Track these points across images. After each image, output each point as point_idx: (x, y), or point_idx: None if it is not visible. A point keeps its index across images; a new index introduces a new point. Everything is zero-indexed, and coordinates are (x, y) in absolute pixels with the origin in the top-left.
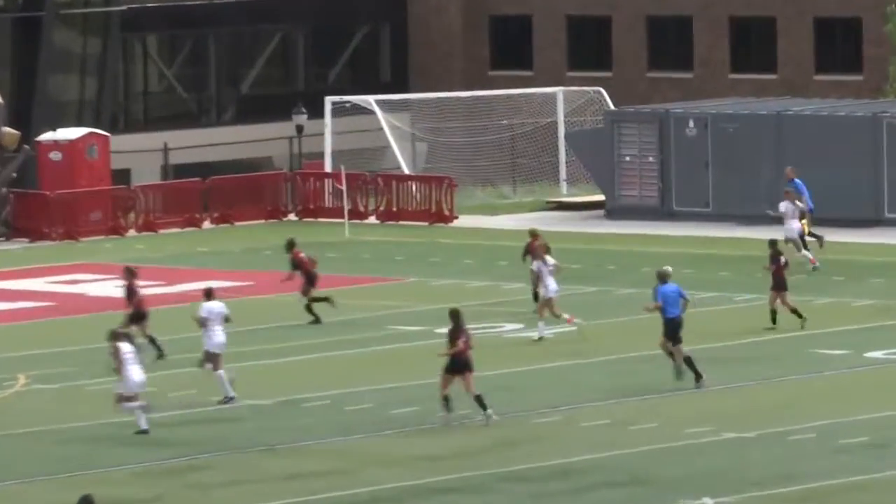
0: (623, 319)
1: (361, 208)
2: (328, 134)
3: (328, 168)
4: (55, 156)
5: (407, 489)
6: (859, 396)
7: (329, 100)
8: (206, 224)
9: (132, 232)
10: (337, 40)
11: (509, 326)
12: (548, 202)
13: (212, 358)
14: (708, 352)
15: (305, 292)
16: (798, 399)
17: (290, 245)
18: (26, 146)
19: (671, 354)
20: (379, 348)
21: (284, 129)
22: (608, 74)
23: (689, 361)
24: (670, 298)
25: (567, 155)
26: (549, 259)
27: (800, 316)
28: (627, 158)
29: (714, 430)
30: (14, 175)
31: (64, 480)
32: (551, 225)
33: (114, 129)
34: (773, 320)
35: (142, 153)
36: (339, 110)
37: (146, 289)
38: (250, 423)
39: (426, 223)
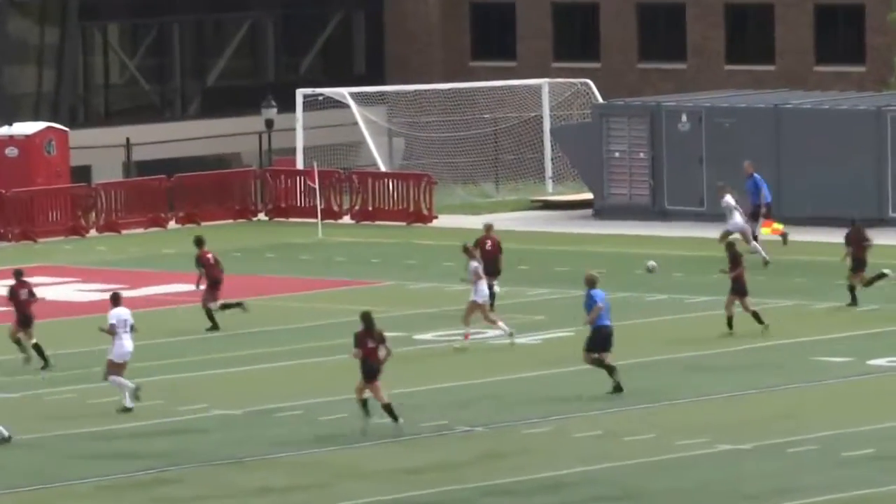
0: (616, 324)
1: (335, 207)
2: (300, 129)
3: (300, 165)
4: (11, 152)
5: None
6: (863, 406)
7: (300, 92)
8: (172, 224)
9: (93, 232)
10: (308, 29)
11: (493, 333)
12: (533, 201)
13: (116, 367)
14: (702, 359)
15: (209, 298)
16: (798, 409)
17: (199, 242)
18: None
19: (601, 365)
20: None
21: (253, 123)
22: (596, 65)
23: (611, 370)
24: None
25: (553, 151)
26: (474, 263)
27: (760, 321)
28: (617, 155)
29: (709, 441)
30: None
31: (25, 494)
32: (536, 225)
33: (73, 123)
34: (730, 325)
35: (102, 149)
36: (311, 104)
37: (108, 293)
38: (220, 434)
39: (404, 223)
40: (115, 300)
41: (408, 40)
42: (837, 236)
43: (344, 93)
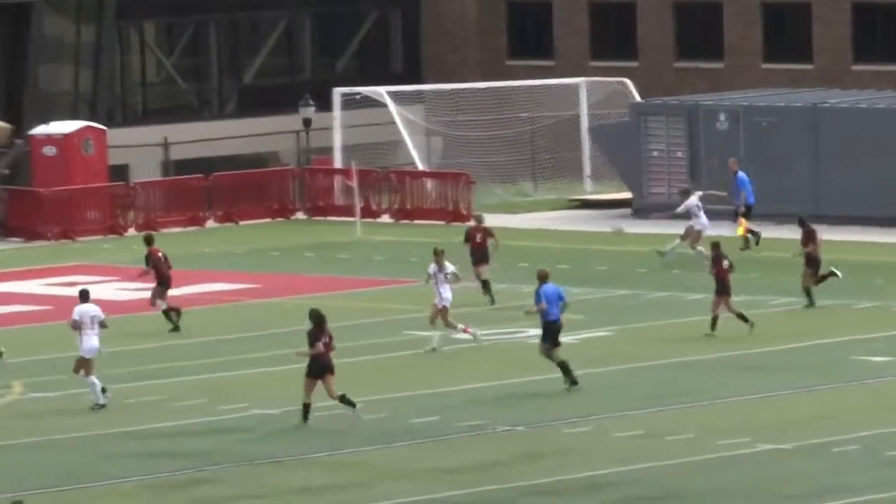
0: (657, 324)
1: (374, 206)
2: (337, 127)
3: (338, 164)
4: (49, 151)
5: None
6: None
7: (338, 91)
8: (210, 223)
9: (131, 231)
10: (345, 27)
11: (533, 332)
12: (571, 200)
13: (83, 363)
14: (741, 359)
15: (157, 296)
16: (839, 409)
17: (149, 240)
18: (18, 140)
19: (551, 358)
20: (393, 355)
21: (290, 122)
22: (633, 64)
23: (564, 366)
24: (552, 300)
25: (591, 150)
26: (449, 265)
27: (745, 320)
28: (655, 153)
29: (750, 441)
30: (6, 171)
31: (67, 493)
32: (575, 224)
33: (110, 122)
34: (713, 327)
35: (140, 148)
36: (348, 102)
37: (148, 292)
38: (259, 433)
39: (442, 222)
40: (84, 296)
41: (445, 39)
42: (878, 236)
43: (382, 92)
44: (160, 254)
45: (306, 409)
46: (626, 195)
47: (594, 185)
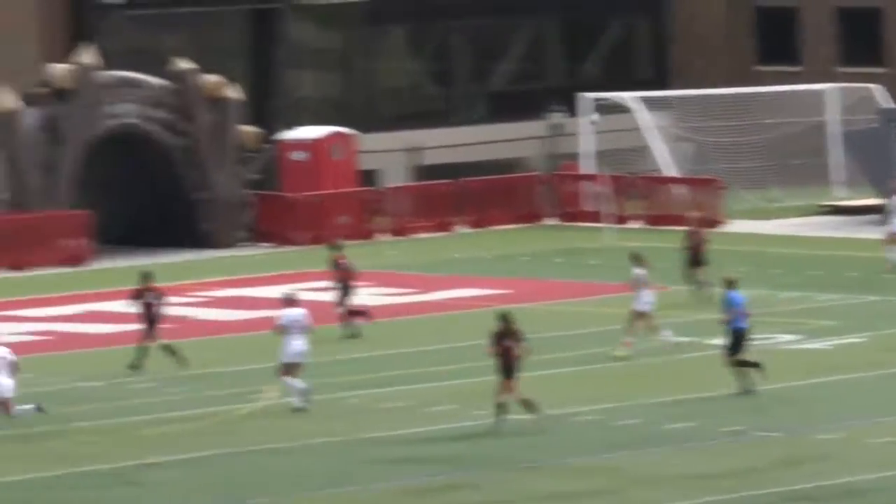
0: None
1: (623, 212)
2: (585, 133)
3: (586, 169)
4: (298, 156)
5: None
6: None
7: (584, 97)
8: (458, 228)
9: (381, 236)
10: (591, 33)
11: (786, 337)
12: (821, 206)
13: (289, 368)
14: None
15: (343, 303)
16: None
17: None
18: (267, 145)
19: (741, 366)
20: (649, 360)
21: (537, 128)
22: (882, 70)
23: (745, 363)
24: (740, 307)
25: (841, 156)
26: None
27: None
28: None
29: None
30: (256, 176)
31: (318, 498)
32: (825, 230)
33: (359, 127)
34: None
35: (389, 153)
36: (594, 108)
37: (400, 297)
38: (513, 438)
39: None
40: (290, 302)
41: (692, 45)
42: None
43: (629, 97)
44: (344, 261)
45: (500, 406)
46: (878, 201)
47: (844, 191)
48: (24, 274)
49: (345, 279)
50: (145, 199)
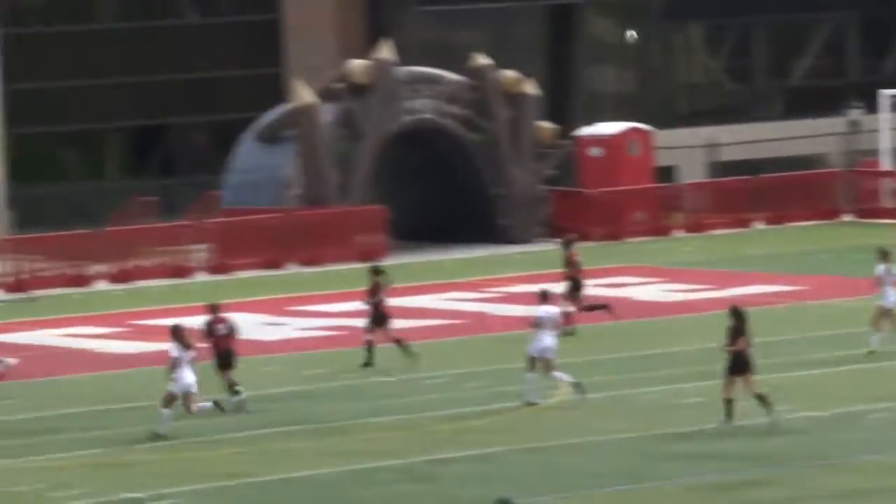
0: None
1: None
2: (885, 130)
3: (886, 166)
4: (595, 152)
5: None
6: None
7: (884, 94)
8: (756, 224)
9: (678, 233)
10: (892, 29)
11: None
12: None
13: (534, 363)
14: None
15: (570, 298)
16: None
17: (568, 243)
18: (564, 141)
19: None
20: None
21: (837, 124)
22: None
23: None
24: None
25: None
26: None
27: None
28: None
29: None
30: (552, 172)
31: (607, 496)
32: None
33: (656, 123)
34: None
35: (686, 149)
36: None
37: (695, 293)
38: (807, 436)
39: None
40: (545, 297)
41: None
42: None
43: None
44: (577, 258)
45: (728, 404)
46: None
47: None
48: (319, 269)
49: (575, 276)
50: (441, 195)
